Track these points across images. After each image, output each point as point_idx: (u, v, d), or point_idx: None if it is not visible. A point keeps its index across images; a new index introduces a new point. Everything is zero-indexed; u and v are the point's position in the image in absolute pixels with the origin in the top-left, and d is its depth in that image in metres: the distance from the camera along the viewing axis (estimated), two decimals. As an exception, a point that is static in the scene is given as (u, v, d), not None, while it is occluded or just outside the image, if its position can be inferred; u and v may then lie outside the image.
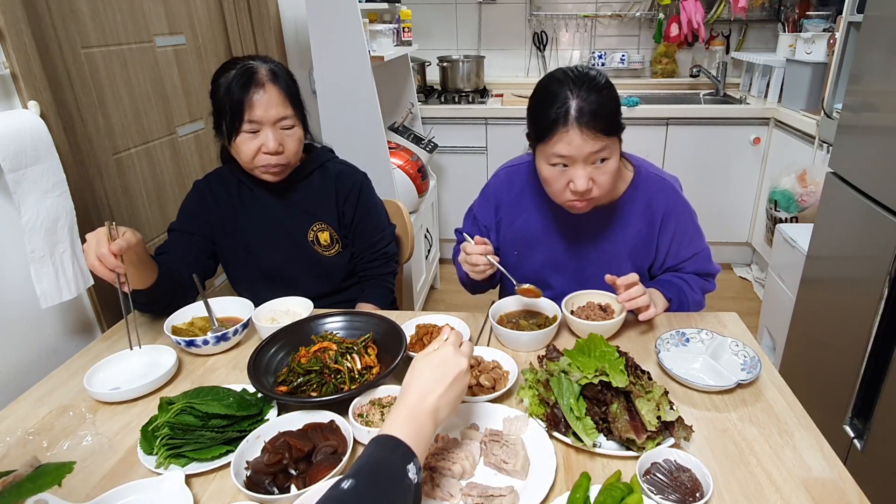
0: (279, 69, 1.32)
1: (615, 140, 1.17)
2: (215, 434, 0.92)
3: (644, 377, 0.98)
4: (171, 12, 1.85)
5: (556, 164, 1.18)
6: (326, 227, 1.46)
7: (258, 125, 1.28)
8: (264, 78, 1.28)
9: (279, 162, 1.32)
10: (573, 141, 1.13)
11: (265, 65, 1.31)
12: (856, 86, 1.71)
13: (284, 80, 1.31)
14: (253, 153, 1.29)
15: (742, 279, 3.35)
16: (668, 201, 1.33)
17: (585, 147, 1.13)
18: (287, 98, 1.30)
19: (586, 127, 1.12)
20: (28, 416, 1.04)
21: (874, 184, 1.57)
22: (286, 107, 1.30)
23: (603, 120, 1.12)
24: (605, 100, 1.14)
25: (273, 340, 1.13)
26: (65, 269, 1.29)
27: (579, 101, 1.12)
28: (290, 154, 1.34)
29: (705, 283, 1.39)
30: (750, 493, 0.83)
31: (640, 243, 1.35)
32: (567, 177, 1.18)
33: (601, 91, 1.14)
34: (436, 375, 0.80)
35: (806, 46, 2.84)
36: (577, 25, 3.63)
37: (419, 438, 0.74)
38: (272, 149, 1.29)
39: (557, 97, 1.14)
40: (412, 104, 3.07)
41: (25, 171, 1.19)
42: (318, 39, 2.26)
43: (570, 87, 1.13)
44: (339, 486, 0.67)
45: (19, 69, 1.23)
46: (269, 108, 1.27)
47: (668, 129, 3.13)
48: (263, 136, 1.28)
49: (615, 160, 1.18)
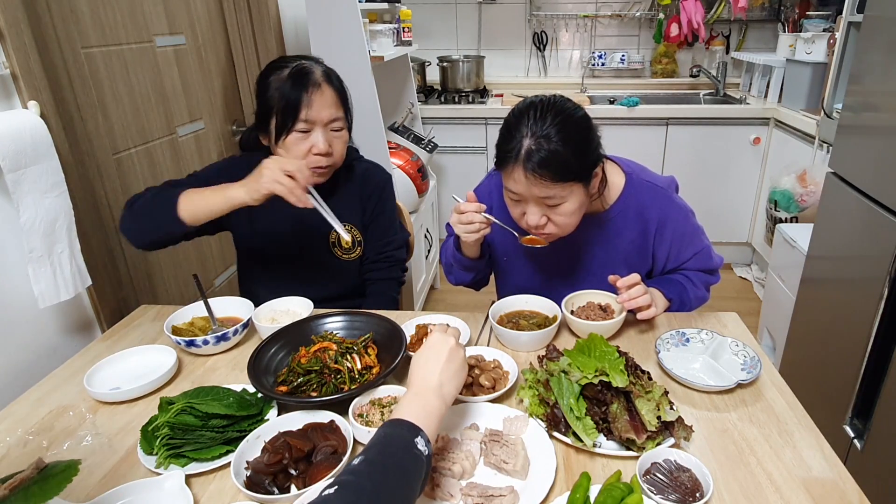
0: (332, 71, 1.33)
1: (573, 185, 1.10)
2: (215, 434, 0.92)
3: (644, 377, 0.98)
4: (171, 12, 1.85)
5: (510, 196, 1.16)
6: (349, 227, 1.45)
7: (310, 125, 1.28)
8: (320, 78, 1.28)
9: (328, 164, 1.32)
10: (520, 181, 1.09)
11: (319, 65, 1.31)
12: (856, 86, 1.71)
13: (337, 82, 1.32)
14: (304, 154, 1.29)
15: (742, 279, 3.35)
16: (661, 210, 1.28)
17: (533, 190, 1.09)
18: (339, 100, 1.31)
19: (532, 173, 1.07)
20: (28, 416, 1.04)
21: (874, 184, 1.57)
22: (338, 108, 1.31)
23: (554, 168, 1.06)
24: (563, 147, 1.06)
25: (273, 340, 1.13)
26: (63, 269, 1.29)
27: (531, 143, 1.06)
28: (338, 156, 1.34)
29: (708, 276, 1.38)
30: (750, 493, 0.83)
31: (635, 252, 1.33)
32: (521, 209, 1.16)
33: (561, 136, 1.06)
34: (430, 356, 0.87)
35: (806, 46, 2.84)
36: (577, 25, 3.63)
37: (427, 414, 0.78)
38: (323, 149, 1.28)
39: (513, 135, 1.09)
40: (412, 104, 3.07)
41: (25, 171, 1.19)
42: (318, 39, 2.26)
43: (528, 126, 1.07)
44: (350, 464, 0.70)
45: (19, 69, 1.23)
46: (322, 109, 1.27)
47: (668, 129, 3.13)
48: (314, 136, 1.28)
49: (573, 203, 1.13)
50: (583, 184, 1.13)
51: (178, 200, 1.20)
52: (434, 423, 0.78)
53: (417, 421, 0.75)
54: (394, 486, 0.68)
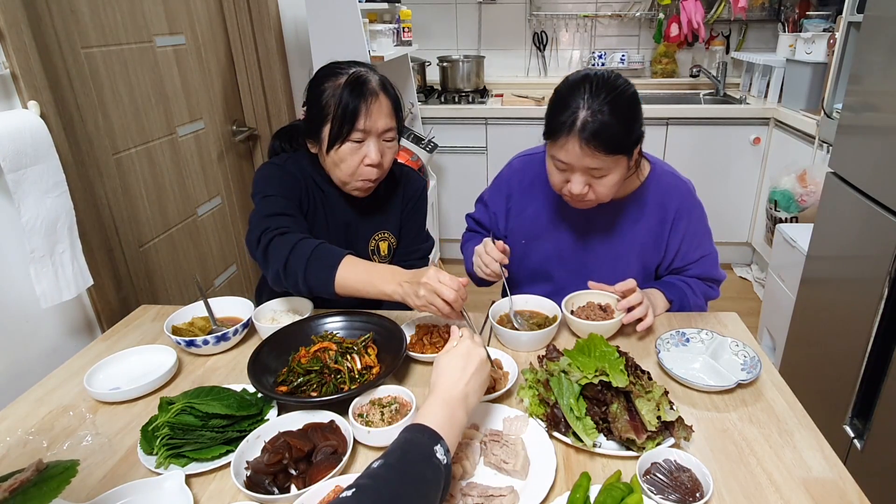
0: (387, 80, 1.29)
1: (620, 158, 1.15)
2: (215, 434, 0.92)
3: (644, 377, 0.98)
4: (171, 12, 1.85)
5: (557, 165, 1.19)
6: (388, 235, 1.44)
7: (365, 135, 1.24)
8: (377, 87, 1.24)
9: (379, 175, 1.28)
10: (572, 151, 1.13)
11: (375, 74, 1.27)
12: (856, 86, 1.71)
13: (392, 92, 1.28)
14: (356, 164, 1.25)
15: (742, 279, 3.35)
16: (681, 200, 1.33)
17: (584, 161, 1.13)
18: (394, 109, 1.27)
19: (586, 144, 1.10)
20: (28, 416, 1.04)
21: (874, 184, 1.57)
22: (393, 118, 1.27)
23: (607, 140, 1.10)
24: (617, 119, 1.10)
25: (273, 340, 1.13)
26: (64, 269, 1.29)
27: (587, 115, 1.10)
28: (386, 168, 1.30)
29: (709, 288, 1.39)
30: (750, 493, 0.83)
31: (650, 241, 1.35)
32: (566, 178, 1.20)
33: (615, 107, 1.10)
34: (460, 365, 0.86)
35: (806, 46, 2.84)
36: (577, 25, 3.63)
37: (451, 425, 0.78)
38: (375, 160, 1.24)
39: (569, 105, 1.12)
40: (412, 104, 3.07)
41: (25, 171, 1.19)
42: (318, 39, 2.26)
43: (584, 98, 1.11)
44: (370, 467, 0.70)
45: (19, 69, 1.23)
46: (379, 119, 1.23)
47: (668, 129, 3.13)
48: (367, 147, 1.24)
49: (617, 175, 1.17)
50: (627, 157, 1.17)
51: (335, 275, 1.14)
52: (456, 433, 0.79)
53: (440, 429, 0.75)
54: (412, 494, 0.68)
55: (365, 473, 0.69)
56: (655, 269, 1.40)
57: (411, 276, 1.10)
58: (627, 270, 1.35)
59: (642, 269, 1.38)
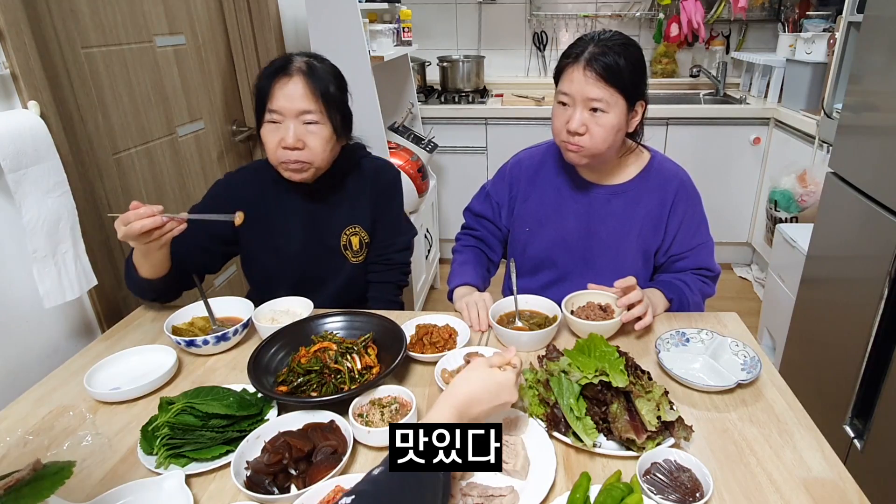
0: (321, 66, 1.29)
1: (617, 96, 1.21)
2: (215, 434, 0.92)
3: (644, 377, 0.98)
4: (171, 12, 1.84)
5: (561, 101, 1.24)
6: (359, 229, 1.43)
7: (280, 116, 1.25)
8: (295, 69, 1.25)
9: (299, 158, 1.27)
10: (575, 79, 1.20)
11: (305, 58, 1.28)
12: (856, 86, 1.71)
13: (320, 76, 1.26)
14: (274, 146, 1.26)
15: (742, 279, 3.35)
16: (679, 185, 1.37)
17: (585, 89, 1.19)
18: (315, 92, 1.25)
19: (590, 69, 1.18)
20: (28, 416, 1.04)
21: (874, 184, 1.57)
22: (312, 101, 1.25)
23: (609, 70, 1.18)
24: (621, 58, 1.19)
25: (273, 340, 1.13)
26: (67, 269, 1.29)
27: (595, 49, 1.20)
28: (315, 154, 1.28)
29: (704, 285, 1.39)
30: (750, 493, 0.83)
31: (650, 224, 1.37)
32: (566, 116, 1.24)
33: (621, 47, 1.20)
34: (491, 391, 0.84)
35: (806, 46, 2.83)
36: (577, 25, 3.63)
37: None
38: (290, 143, 1.24)
39: (579, 43, 1.23)
40: (412, 104, 3.06)
41: (26, 171, 1.19)
42: (318, 39, 2.26)
43: (596, 37, 1.22)
44: (370, 473, 0.70)
45: (19, 69, 1.23)
46: (292, 100, 1.23)
47: (668, 129, 3.13)
48: (284, 128, 1.25)
49: (614, 116, 1.22)
50: (627, 103, 1.23)
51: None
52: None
53: None
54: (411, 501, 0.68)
55: (364, 479, 0.69)
56: (654, 255, 1.42)
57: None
58: (629, 254, 1.38)
59: (642, 254, 1.41)
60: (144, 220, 1.10)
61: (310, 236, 1.41)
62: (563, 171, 1.41)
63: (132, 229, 1.09)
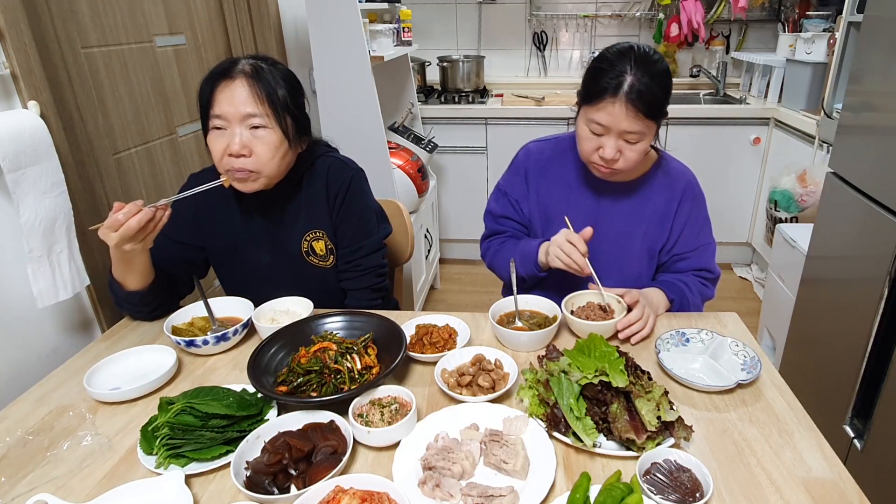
0: (269, 68, 1.21)
1: (653, 125, 1.23)
2: (215, 434, 0.92)
3: (644, 377, 0.98)
4: (171, 12, 1.85)
5: (593, 130, 1.23)
6: (321, 234, 1.36)
7: (225, 122, 1.18)
8: (238, 72, 1.18)
9: (244, 166, 1.19)
10: (615, 114, 1.19)
11: (251, 61, 1.21)
12: (856, 86, 1.71)
13: (266, 79, 1.19)
14: (220, 153, 1.19)
15: (742, 279, 3.35)
16: (687, 183, 1.40)
17: (624, 123, 1.19)
18: (261, 96, 1.17)
19: (631, 105, 1.17)
20: (28, 416, 1.04)
21: (874, 184, 1.57)
22: (256, 105, 1.17)
23: (649, 103, 1.18)
24: (658, 86, 1.19)
25: (273, 340, 1.13)
26: (62, 269, 1.29)
27: (634, 78, 1.17)
28: (262, 161, 1.20)
29: (704, 287, 1.40)
30: (750, 493, 0.83)
31: (657, 222, 1.38)
32: (598, 143, 1.24)
33: (657, 76, 1.19)
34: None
35: (806, 46, 2.83)
36: (577, 25, 3.63)
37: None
38: (235, 150, 1.17)
39: (615, 68, 1.19)
40: (412, 104, 3.07)
41: (25, 171, 1.19)
42: (318, 39, 2.26)
43: (631, 63, 1.18)
44: None
45: (19, 69, 1.23)
46: (235, 104, 1.16)
47: (668, 129, 3.13)
48: (230, 134, 1.18)
49: (647, 142, 1.24)
50: (657, 126, 1.25)
51: None
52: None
53: None
54: None
55: None
56: (658, 253, 1.42)
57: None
58: (634, 252, 1.40)
59: (647, 252, 1.41)
60: (138, 215, 1.09)
61: (275, 246, 1.36)
62: (572, 167, 1.41)
63: (129, 227, 1.08)
